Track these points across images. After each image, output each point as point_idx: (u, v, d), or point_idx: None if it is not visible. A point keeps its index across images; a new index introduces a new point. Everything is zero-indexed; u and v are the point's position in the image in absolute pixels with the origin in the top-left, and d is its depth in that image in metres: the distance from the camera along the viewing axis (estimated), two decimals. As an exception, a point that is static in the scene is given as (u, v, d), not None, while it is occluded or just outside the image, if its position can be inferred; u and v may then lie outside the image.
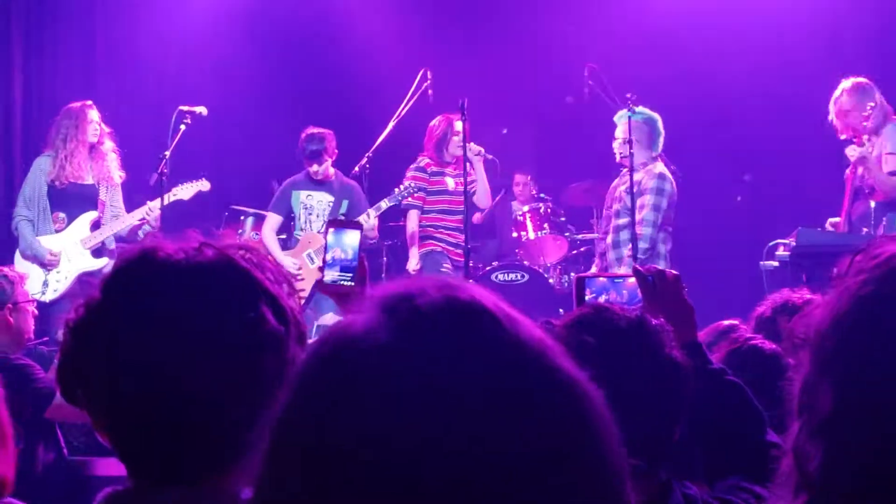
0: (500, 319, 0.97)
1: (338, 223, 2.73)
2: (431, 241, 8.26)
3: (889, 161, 7.01)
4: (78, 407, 1.52)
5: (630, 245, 7.37)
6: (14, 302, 5.07)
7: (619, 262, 7.53)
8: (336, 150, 8.14)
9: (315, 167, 8.05)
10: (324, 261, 2.68)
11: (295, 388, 0.99)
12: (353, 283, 2.62)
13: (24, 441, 4.39)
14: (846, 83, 7.21)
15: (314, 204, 8.20)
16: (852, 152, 6.99)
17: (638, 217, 7.42)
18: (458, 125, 7.81)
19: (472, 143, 7.86)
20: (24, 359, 5.08)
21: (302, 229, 8.21)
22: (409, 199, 8.20)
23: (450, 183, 8.20)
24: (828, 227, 7.40)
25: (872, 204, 7.12)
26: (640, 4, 10.09)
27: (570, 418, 0.95)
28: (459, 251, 7.91)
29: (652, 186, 7.53)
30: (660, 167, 7.65)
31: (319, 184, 8.17)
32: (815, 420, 1.29)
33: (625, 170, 7.62)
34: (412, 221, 8.36)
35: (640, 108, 7.66)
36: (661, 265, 7.34)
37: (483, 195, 8.39)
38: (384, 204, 8.05)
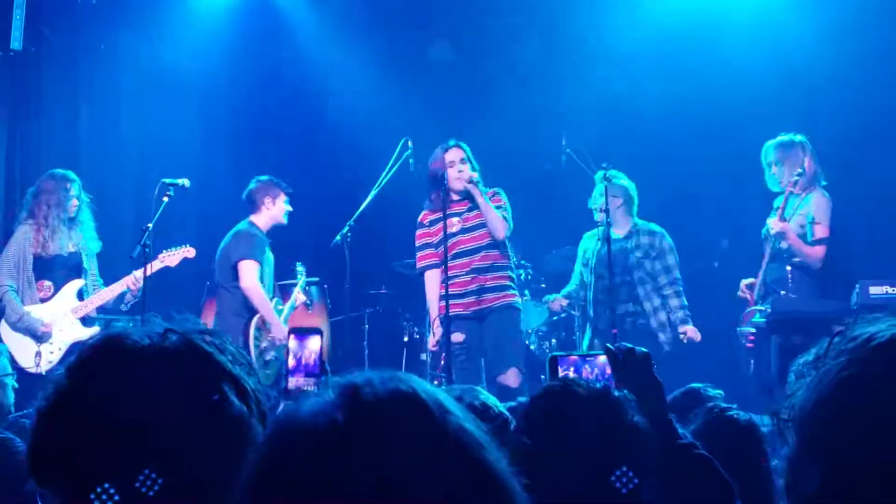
0: (432, 410, 1.05)
1: (299, 330, 2.78)
2: (442, 304, 7.31)
3: (816, 231, 7.30)
4: (49, 489, 1.55)
5: (673, 307, 7.82)
6: (-7, 376, 5.09)
7: (665, 328, 7.88)
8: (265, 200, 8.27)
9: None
10: (287, 368, 2.72)
11: (252, 467, 1.10)
12: (316, 388, 2.64)
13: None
14: (783, 138, 7.55)
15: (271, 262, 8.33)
16: (775, 226, 7.25)
17: (670, 278, 7.91)
18: (452, 154, 7.50)
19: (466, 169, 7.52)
20: (3, 432, 5.07)
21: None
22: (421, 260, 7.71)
23: (454, 223, 7.55)
24: (743, 287, 7.68)
25: (789, 268, 7.39)
26: (614, 74, 10.24)
27: None
28: (469, 300, 7.46)
29: (666, 247, 7.97)
30: (653, 226, 8.04)
31: None
32: (802, 500, 1.33)
33: (614, 233, 7.93)
34: (429, 285, 7.68)
35: (617, 173, 7.95)
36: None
37: (492, 225, 7.43)
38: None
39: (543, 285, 9.60)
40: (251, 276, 8.01)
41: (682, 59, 9.69)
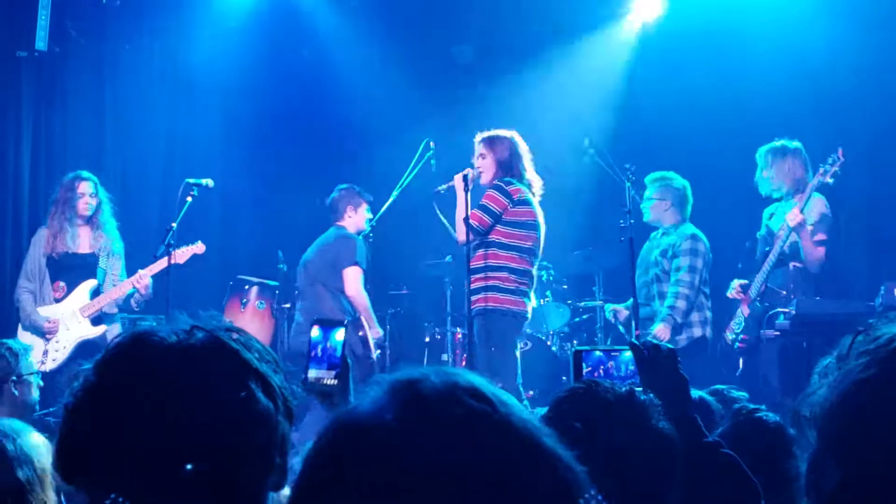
0: (494, 404, 1.05)
1: (324, 321, 2.75)
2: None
3: (816, 235, 7.34)
4: (76, 487, 1.56)
5: (677, 308, 7.69)
6: (18, 374, 5.11)
7: (678, 329, 7.76)
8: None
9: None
10: (309, 358, 2.69)
11: (309, 461, 1.09)
12: (336, 381, 2.63)
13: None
14: (775, 144, 7.61)
15: None
16: (795, 217, 7.21)
17: (675, 277, 7.77)
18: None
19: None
20: (42, 437, 5.10)
21: None
22: None
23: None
24: (737, 288, 7.66)
25: (792, 265, 7.42)
26: (636, 76, 10.22)
27: (551, 496, 1.02)
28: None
29: (687, 248, 7.81)
30: (691, 227, 7.95)
31: None
32: (822, 499, 1.33)
33: (657, 232, 8.04)
34: None
35: (671, 174, 8.04)
36: (695, 331, 7.60)
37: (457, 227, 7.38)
38: None
39: (565, 286, 9.58)
40: (357, 284, 8.05)
41: (705, 59, 9.65)
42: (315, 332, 2.72)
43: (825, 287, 7.47)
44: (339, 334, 2.70)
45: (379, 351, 8.07)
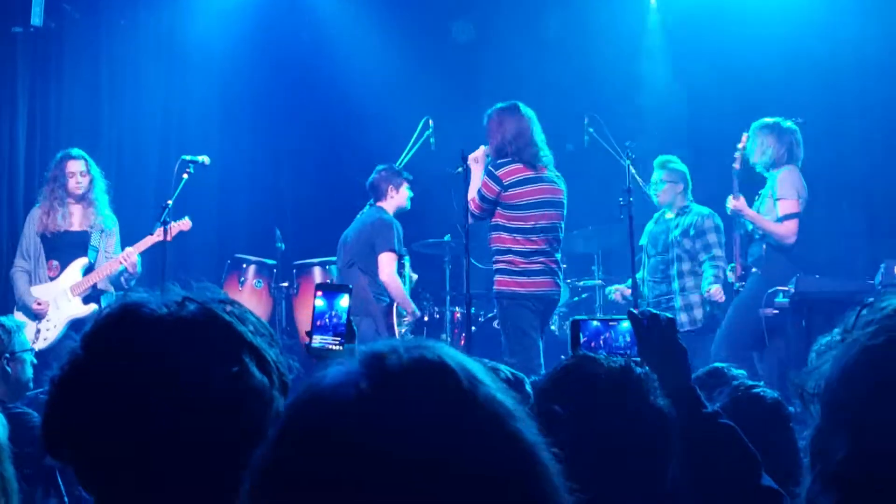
0: (460, 379, 1.02)
1: (327, 287, 2.76)
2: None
3: (781, 207, 7.41)
4: (63, 462, 1.52)
5: (705, 277, 7.81)
6: (11, 351, 5.08)
7: (691, 309, 7.89)
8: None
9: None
10: (313, 325, 2.68)
11: (274, 433, 1.06)
12: (341, 348, 2.62)
13: (24, 490, 4.39)
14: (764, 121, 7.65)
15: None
16: (731, 204, 7.46)
17: (709, 255, 7.90)
18: None
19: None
20: (21, 407, 5.07)
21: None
22: None
23: None
24: (730, 273, 7.78)
25: (765, 246, 7.48)
26: (638, 53, 10.18)
27: (515, 478, 0.99)
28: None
29: (711, 226, 7.94)
30: (704, 207, 8.10)
31: None
32: (829, 470, 1.31)
33: (667, 213, 8.15)
34: None
35: (672, 158, 8.18)
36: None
37: None
38: None
39: (565, 265, 9.53)
40: (390, 270, 7.98)
41: (708, 37, 9.61)
42: (319, 299, 2.71)
43: (808, 260, 7.45)
44: (344, 301, 2.71)
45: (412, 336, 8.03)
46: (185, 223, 8.01)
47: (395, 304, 8.07)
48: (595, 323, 2.84)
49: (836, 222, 8.77)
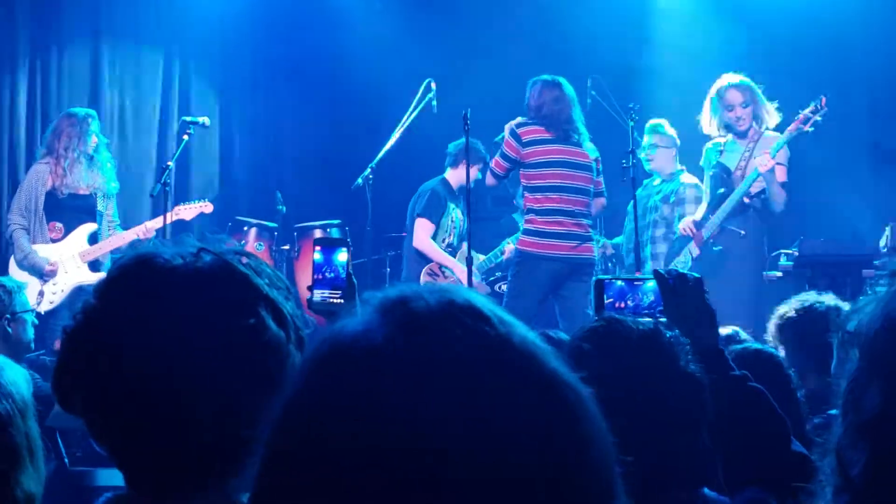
0: (493, 322, 0.97)
1: (325, 241, 2.78)
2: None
3: (779, 172, 7.24)
4: (75, 414, 1.50)
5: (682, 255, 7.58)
6: (12, 312, 5.06)
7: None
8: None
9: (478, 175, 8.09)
10: (313, 279, 2.68)
11: (291, 390, 1.00)
12: (342, 301, 2.61)
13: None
14: (734, 77, 7.47)
15: (459, 218, 8.33)
16: (767, 163, 7.07)
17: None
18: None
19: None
20: (22, 369, 5.06)
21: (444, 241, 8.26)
22: None
23: None
24: (690, 225, 7.45)
25: (751, 210, 7.33)
26: (642, 16, 10.11)
27: (557, 421, 0.95)
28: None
29: (691, 196, 7.87)
30: (689, 175, 8.03)
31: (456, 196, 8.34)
32: (862, 421, 1.27)
33: (655, 179, 8.14)
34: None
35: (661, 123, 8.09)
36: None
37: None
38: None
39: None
40: (421, 236, 8.16)
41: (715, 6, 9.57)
42: (317, 254, 2.71)
43: (778, 226, 7.46)
44: (342, 255, 2.71)
45: None
46: (206, 205, 7.99)
47: (433, 264, 8.21)
48: (619, 283, 2.80)
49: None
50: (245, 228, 8.99)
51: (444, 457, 0.89)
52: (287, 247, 8.99)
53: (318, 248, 2.75)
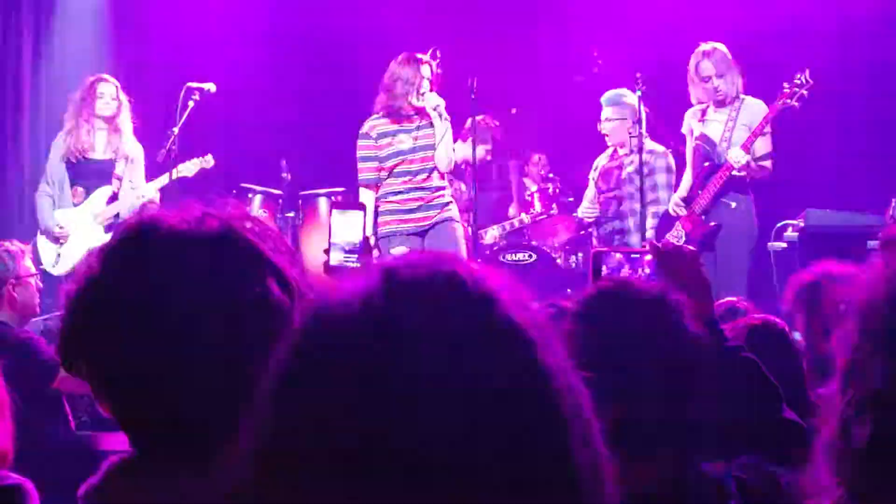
0: (470, 290, 0.99)
1: (341, 205, 2.80)
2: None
3: (764, 142, 7.21)
4: (80, 377, 1.50)
5: (652, 226, 7.51)
6: (17, 276, 5.07)
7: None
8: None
9: None
10: (329, 243, 2.71)
11: (279, 357, 1.03)
12: (359, 265, 2.63)
13: (30, 415, 4.39)
14: (706, 46, 7.41)
15: None
16: (741, 158, 7.03)
17: (653, 196, 7.67)
18: (428, 70, 7.28)
19: (433, 94, 7.33)
20: (28, 332, 5.08)
21: None
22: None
23: (403, 139, 7.31)
24: (680, 203, 7.41)
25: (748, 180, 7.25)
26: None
27: (536, 397, 0.97)
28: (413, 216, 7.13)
29: (662, 166, 7.76)
30: (658, 145, 7.91)
31: None
32: (866, 392, 1.27)
33: (620, 150, 7.99)
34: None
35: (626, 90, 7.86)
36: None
37: (441, 156, 7.24)
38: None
39: (571, 199, 9.50)
40: None
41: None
42: (334, 216, 2.73)
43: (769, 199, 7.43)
44: (357, 218, 2.73)
45: None
46: (207, 160, 8.03)
47: None
48: (617, 256, 2.82)
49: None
50: (249, 195, 8.99)
51: (415, 410, 0.91)
52: (291, 214, 8.99)
53: (334, 212, 2.78)
